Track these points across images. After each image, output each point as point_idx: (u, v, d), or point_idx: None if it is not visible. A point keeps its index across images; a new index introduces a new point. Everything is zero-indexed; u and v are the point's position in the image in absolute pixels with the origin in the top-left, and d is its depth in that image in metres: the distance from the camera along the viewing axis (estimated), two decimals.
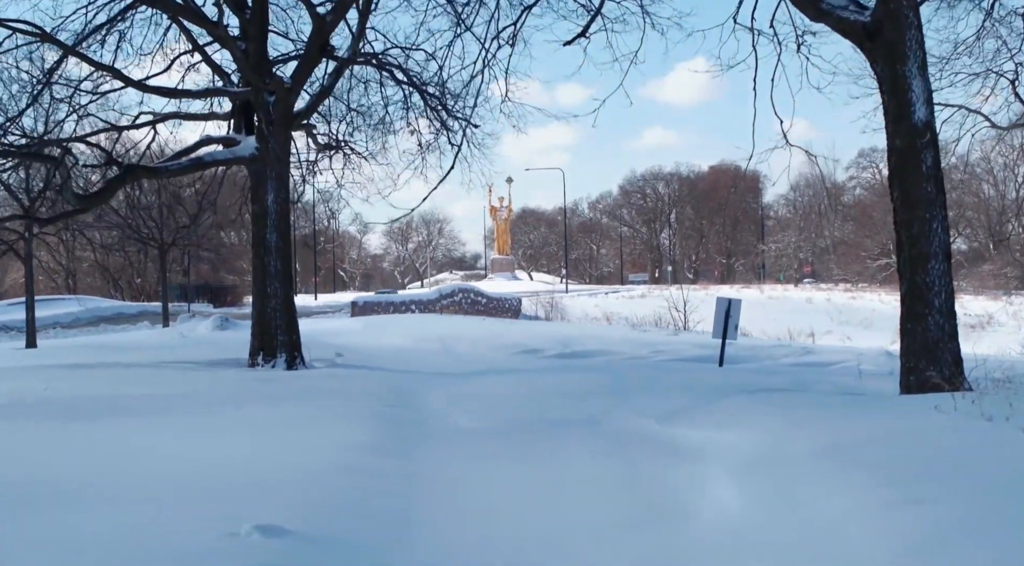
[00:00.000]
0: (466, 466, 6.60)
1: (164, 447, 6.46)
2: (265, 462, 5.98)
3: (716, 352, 14.61)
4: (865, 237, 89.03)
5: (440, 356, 15.17)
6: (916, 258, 8.60)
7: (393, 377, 11.51)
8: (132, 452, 6.25)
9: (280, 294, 13.13)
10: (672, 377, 10.00)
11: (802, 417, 6.91)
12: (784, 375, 10.10)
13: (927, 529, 4.36)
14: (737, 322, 11.94)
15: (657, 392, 9.01)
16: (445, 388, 10.35)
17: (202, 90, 13.58)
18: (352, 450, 6.42)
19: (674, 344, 15.39)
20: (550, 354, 15.32)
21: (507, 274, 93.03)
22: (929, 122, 8.62)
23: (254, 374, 11.79)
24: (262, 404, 8.73)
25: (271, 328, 13.07)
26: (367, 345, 16.64)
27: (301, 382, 10.64)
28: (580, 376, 10.41)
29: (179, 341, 16.16)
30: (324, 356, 14.22)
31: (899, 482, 5.05)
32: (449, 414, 8.64)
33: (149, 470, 5.68)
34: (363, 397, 9.23)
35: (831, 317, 59.55)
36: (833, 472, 5.36)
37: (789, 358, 13.94)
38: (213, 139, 13.48)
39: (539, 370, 11.77)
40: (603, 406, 8.43)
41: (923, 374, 8.42)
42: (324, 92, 13.92)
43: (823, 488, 5.15)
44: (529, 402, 8.85)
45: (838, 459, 5.62)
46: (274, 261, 13.11)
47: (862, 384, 9.52)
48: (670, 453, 6.95)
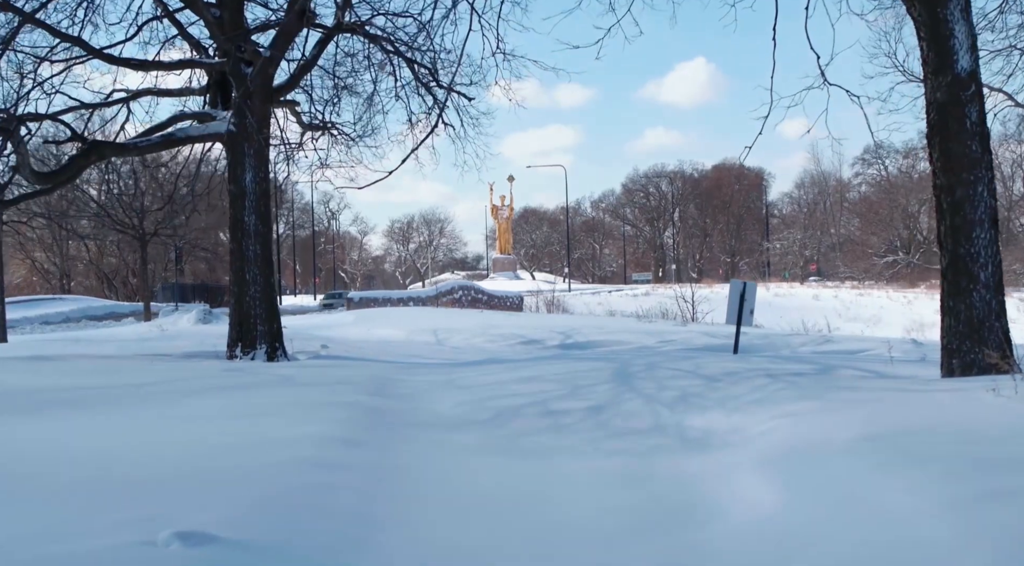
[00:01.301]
0: (449, 459, 5.67)
1: (100, 441, 5.54)
2: (217, 456, 5.05)
3: (728, 341, 13.64)
4: (871, 234, 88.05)
5: (432, 347, 14.23)
6: (959, 226, 7.64)
7: (378, 367, 10.57)
8: (57, 447, 5.33)
9: (260, 281, 12.22)
10: (684, 364, 9.05)
11: (839, 401, 5.97)
12: (808, 362, 9.14)
13: (1021, 529, 3.43)
14: (752, 306, 10.99)
15: (668, 377, 8.07)
16: (432, 377, 9.41)
17: (175, 62, 12.64)
18: (320, 442, 5.49)
19: (683, 334, 14.43)
20: (551, 345, 14.36)
21: (509, 274, 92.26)
22: (974, 72, 7.67)
23: (228, 365, 10.87)
24: (229, 394, 7.82)
25: (250, 318, 12.15)
26: (357, 337, 15.71)
27: (277, 372, 9.71)
28: (583, 364, 9.47)
29: (158, 335, 15.24)
30: (309, 348, 13.30)
31: (969, 474, 4.11)
32: (434, 403, 7.70)
33: (70, 467, 4.75)
34: (342, 387, 8.30)
35: (839, 314, 58.55)
36: (887, 464, 4.42)
37: (808, 347, 12.97)
38: (187, 115, 12.56)
39: (537, 359, 10.83)
40: (608, 394, 7.50)
41: (968, 356, 7.47)
42: (307, 64, 13.01)
43: (878, 482, 4.21)
44: (524, 390, 7.92)
45: (889, 449, 4.68)
46: (253, 245, 12.19)
47: (894, 370, 8.57)
48: (687, 443, 6.01)
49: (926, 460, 4.35)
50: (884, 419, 5.36)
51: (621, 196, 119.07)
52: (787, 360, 9.35)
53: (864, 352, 12.41)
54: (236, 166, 12.22)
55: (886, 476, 4.26)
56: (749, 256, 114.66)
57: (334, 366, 10.64)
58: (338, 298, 61.58)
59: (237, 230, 12.22)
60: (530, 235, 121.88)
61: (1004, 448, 4.56)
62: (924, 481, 4.09)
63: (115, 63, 12.19)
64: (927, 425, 5.14)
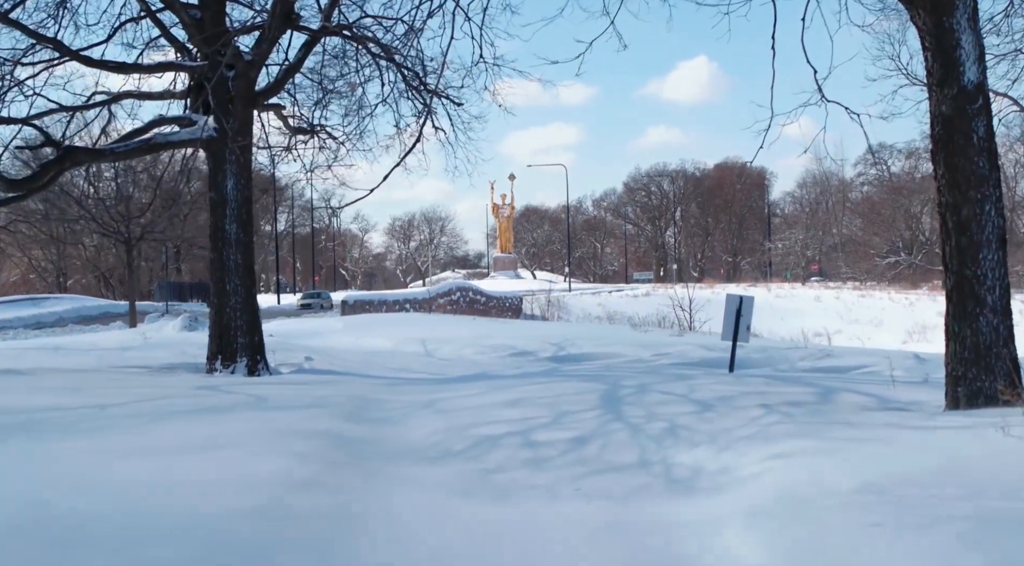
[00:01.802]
0: (418, 501, 5.28)
1: (26, 482, 4.98)
2: (153, 502, 4.64)
3: (725, 355, 13.25)
4: (873, 235, 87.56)
5: (421, 359, 13.83)
6: (965, 247, 7.23)
7: (359, 384, 10.18)
8: None
9: (241, 291, 11.83)
10: (677, 386, 8.65)
11: (839, 440, 5.56)
12: (806, 384, 8.73)
13: None
14: (749, 322, 10.59)
15: (658, 403, 7.68)
16: (414, 396, 9.02)
17: (154, 65, 12.24)
18: (276, 484, 5.10)
19: (678, 346, 14.02)
20: (543, 357, 13.97)
21: (510, 272, 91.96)
22: (981, 84, 7.25)
23: (204, 381, 10.48)
24: (195, 420, 7.41)
25: (230, 329, 11.77)
26: (344, 346, 15.32)
27: (253, 390, 9.31)
28: (571, 385, 9.07)
29: (139, 343, 14.86)
30: (293, 360, 12.92)
31: (988, 537, 3.71)
32: (410, 429, 7.31)
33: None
34: (316, 411, 7.91)
35: (840, 316, 58.25)
36: (889, 525, 4.02)
37: (807, 361, 12.57)
38: (167, 119, 12.16)
39: (526, 376, 10.42)
40: (594, 423, 7.10)
41: (974, 384, 7.07)
42: (292, 68, 12.61)
43: (879, 549, 3.81)
44: (507, 416, 7.52)
45: (892, 504, 4.28)
46: (234, 255, 11.81)
47: (896, 394, 8.17)
48: (673, 484, 5.61)
49: (933, 521, 3.94)
50: (886, 465, 4.96)
51: (623, 195, 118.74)
52: (784, 381, 8.95)
53: (864, 368, 12.00)
54: (217, 172, 11.85)
55: (888, 540, 3.86)
56: (751, 256, 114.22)
57: (314, 383, 10.25)
58: (317, 298, 59.41)
59: (217, 239, 11.83)
60: (531, 234, 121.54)
61: (1021, 503, 4.17)
62: (938, 547, 3.69)
63: (92, 65, 11.79)
64: (933, 473, 4.74)
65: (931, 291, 67.90)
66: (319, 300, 59.16)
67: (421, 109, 14.27)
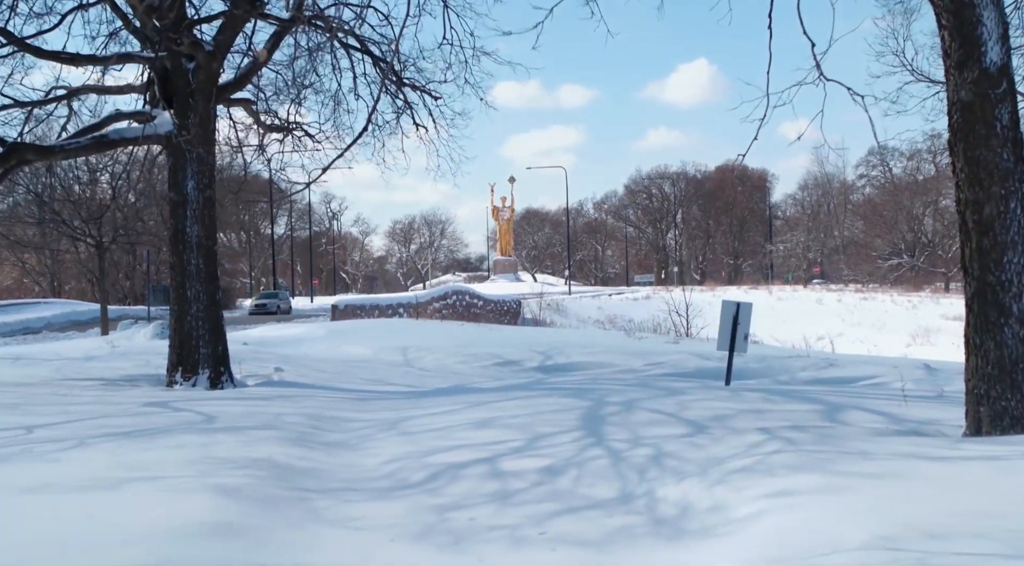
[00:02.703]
0: (354, 551, 4.49)
1: None
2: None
3: (721, 365, 12.44)
4: (875, 236, 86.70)
5: (399, 369, 13.04)
6: (987, 250, 6.42)
7: (324, 399, 9.39)
8: None
9: (203, 298, 11.05)
10: (667, 402, 7.85)
11: (848, 475, 4.76)
12: (809, 400, 7.93)
13: None
14: (748, 331, 9.78)
15: (645, 424, 6.89)
16: (380, 414, 8.24)
17: (109, 56, 11.43)
18: (183, 535, 4.29)
19: (672, 354, 13.22)
20: (528, 367, 13.19)
21: (510, 275, 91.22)
22: (1005, 66, 6.46)
23: (157, 396, 9.68)
24: (123, 445, 6.63)
25: (192, 339, 10.99)
26: (322, 355, 14.52)
27: (204, 407, 8.52)
28: (551, 401, 8.27)
29: (105, 352, 14.08)
30: (262, 371, 12.13)
31: None
32: (366, 455, 6.53)
33: None
34: (263, 433, 7.12)
35: (843, 319, 57.38)
36: None
37: (808, 372, 11.76)
38: (124, 114, 11.38)
39: (505, 390, 9.62)
40: (572, 448, 6.30)
41: (998, 403, 6.26)
42: (259, 61, 11.83)
43: None
44: (476, 439, 6.73)
45: (915, 562, 3.50)
46: (195, 259, 11.03)
47: (909, 411, 7.36)
48: (657, 525, 4.82)
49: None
50: (904, 509, 4.17)
51: (624, 197, 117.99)
52: (785, 397, 8.14)
53: (871, 379, 11.18)
54: (177, 171, 11.08)
55: None
56: (752, 258, 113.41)
57: (275, 398, 9.46)
58: (273, 299, 50.90)
59: (178, 241, 11.06)
60: (532, 236, 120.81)
61: None
62: None
63: (43, 56, 11.03)
64: (961, 521, 3.95)
65: (934, 294, 67.09)
66: (275, 301, 50.34)
67: (400, 105, 13.54)
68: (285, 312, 49.24)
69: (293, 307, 52.77)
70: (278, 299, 51.35)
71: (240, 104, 12.76)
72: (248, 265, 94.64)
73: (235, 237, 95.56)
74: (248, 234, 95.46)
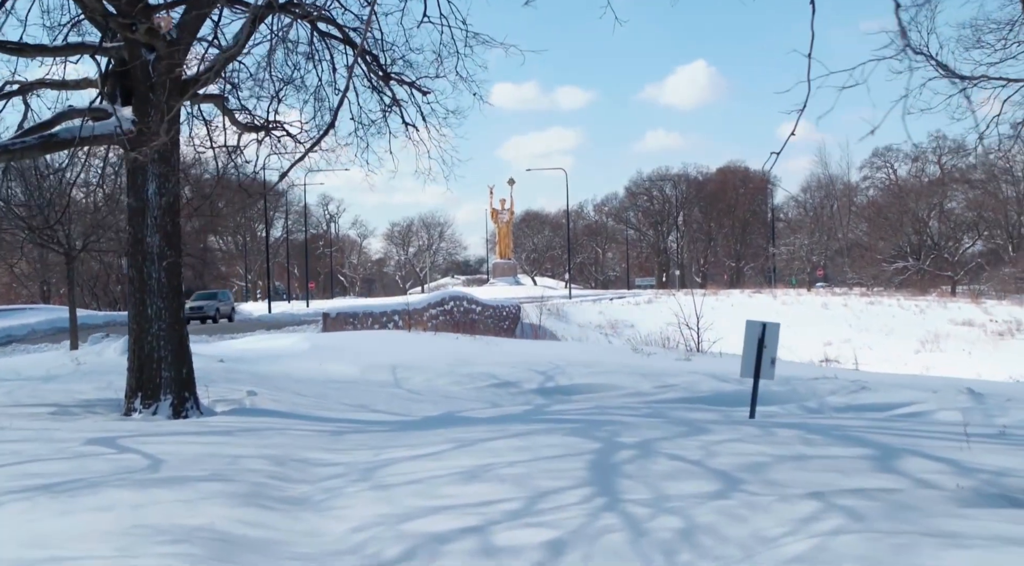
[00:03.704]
0: None
1: None
2: None
3: (740, 387, 11.34)
4: (880, 239, 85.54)
5: (385, 392, 11.91)
6: None
7: (296, 433, 8.27)
8: None
9: (165, 316, 9.92)
10: (689, 444, 6.71)
11: None
12: (854, 441, 6.80)
13: None
14: (774, 354, 8.65)
15: (667, 479, 5.75)
16: (354, 456, 7.11)
17: (60, 47, 10.30)
18: None
19: (685, 375, 12.10)
20: (527, 389, 12.07)
21: (509, 278, 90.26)
22: None
23: (107, 428, 8.54)
24: (33, 505, 5.48)
25: (152, 361, 9.85)
26: (304, 374, 13.39)
27: (154, 447, 7.39)
28: (553, 440, 7.14)
29: (68, 370, 12.95)
30: (234, 394, 11.00)
31: None
32: (330, 520, 5.40)
33: None
34: (215, 484, 6.00)
35: (850, 324, 56.33)
36: None
37: (839, 397, 10.62)
38: (78, 111, 10.26)
39: (500, 422, 8.48)
40: (580, 513, 5.17)
41: None
42: (231, 52, 10.69)
43: None
44: (462, 498, 5.60)
45: None
46: (157, 272, 9.90)
47: (977, 458, 6.23)
48: None
49: None
50: None
51: (624, 199, 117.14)
52: (825, 436, 7.01)
53: (909, 406, 10.04)
54: (136, 174, 9.95)
55: None
56: (754, 261, 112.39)
57: (240, 432, 8.33)
58: (211, 301, 42.51)
59: (137, 253, 9.92)
60: (531, 239, 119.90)
61: None
62: None
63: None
64: None
65: (941, 297, 65.95)
66: (214, 303, 42.19)
67: (388, 102, 12.44)
68: (226, 317, 43.00)
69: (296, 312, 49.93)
70: (217, 301, 43.13)
71: (211, 100, 11.64)
72: (244, 268, 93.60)
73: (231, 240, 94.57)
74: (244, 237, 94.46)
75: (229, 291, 47.43)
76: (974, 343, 48.61)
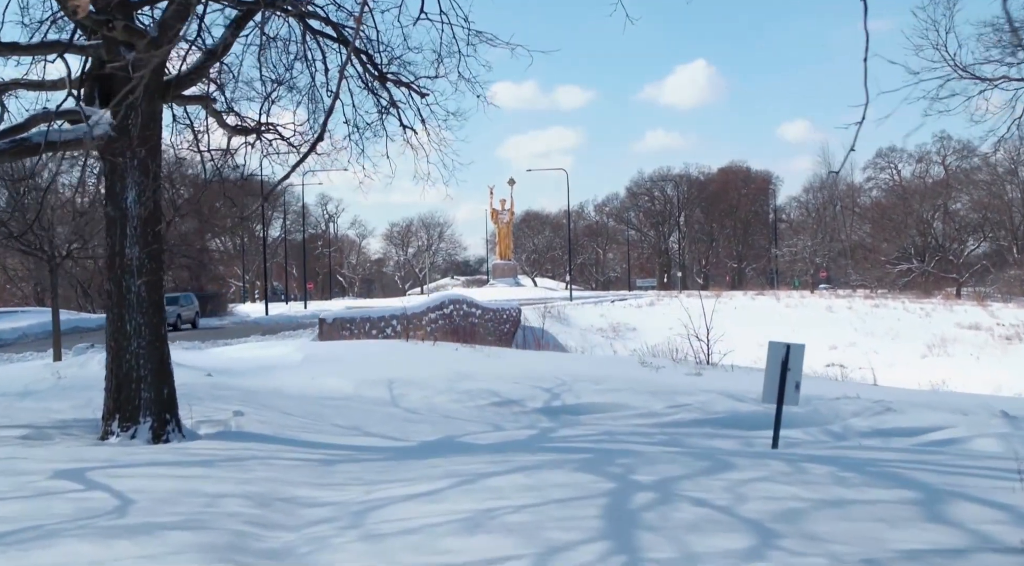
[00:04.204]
0: None
1: None
2: None
3: (757, 408, 10.72)
4: (883, 241, 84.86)
5: (381, 410, 11.27)
6: None
7: (283, 464, 7.63)
8: None
9: (145, 333, 9.29)
10: (714, 485, 6.07)
11: None
12: (894, 480, 6.17)
13: None
14: (799, 378, 8.01)
15: (693, 530, 5.11)
16: (344, 495, 6.47)
17: (33, 45, 9.66)
18: None
19: (698, 393, 11.47)
20: (531, 408, 11.43)
21: (509, 280, 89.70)
22: None
23: (81, 456, 7.90)
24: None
25: (131, 381, 9.23)
26: (295, 390, 12.75)
27: (124, 482, 6.75)
28: (562, 477, 6.51)
29: (47, 385, 12.32)
30: (219, 415, 10.37)
31: None
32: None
33: None
34: (191, 534, 5.36)
35: (855, 327, 55.71)
36: None
37: (863, 420, 9.97)
38: (53, 113, 9.62)
39: (504, 452, 7.84)
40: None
41: None
42: (217, 51, 10.09)
43: None
44: (467, 551, 4.97)
45: None
46: (136, 285, 9.27)
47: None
48: None
49: None
50: None
51: (625, 200, 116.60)
52: (861, 474, 6.37)
53: (940, 430, 9.40)
54: (115, 181, 9.33)
55: None
56: (756, 262, 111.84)
57: (222, 462, 7.69)
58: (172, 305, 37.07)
59: (115, 265, 9.30)
60: (532, 240, 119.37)
61: None
62: None
63: None
64: None
65: (946, 300, 65.29)
66: (175, 309, 37.68)
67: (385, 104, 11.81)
68: (189, 323, 40.36)
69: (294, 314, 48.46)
70: (179, 306, 39.34)
71: (197, 102, 11.01)
72: (242, 268, 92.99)
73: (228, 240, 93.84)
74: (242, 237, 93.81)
75: (192, 295, 43.64)
76: (982, 348, 48.00)
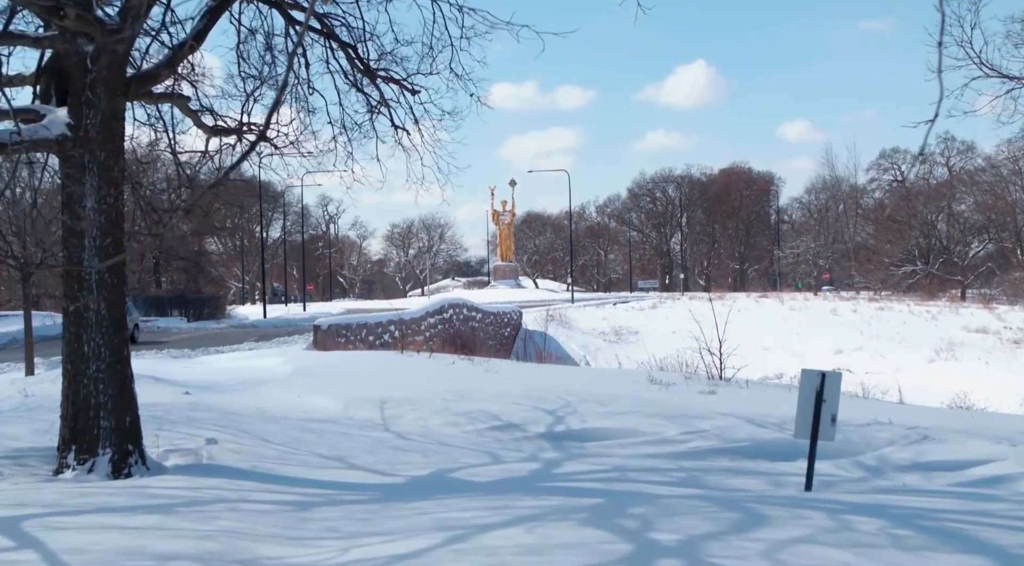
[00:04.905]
0: None
1: None
2: None
3: (778, 434, 9.84)
4: (887, 242, 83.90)
5: (369, 437, 10.36)
6: None
7: (250, 508, 6.72)
8: None
9: (105, 354, 8.38)
10: (749, 548, 5.18)
11: None
12: (958, 539, 5.30)
13: None
14: (835, 411, 7.10)
15: None
16: (317, 553, 5.57)
17: None
18: None
19: (715, 416, 10.57)
20: (533, 433, 10.54)
21: (511, 281, 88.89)
22: None
23: (25, 498, 6.99)
24: None
25: (89, 408, 8.32)
26: (280, 408, 11.86)
27: (68, 536, 5.85)
28: (569, 532, 5.61)
29: (12, 403, 11.41)
30: (190, 442, 9.47)
31: None
32: None
33: None
34: None
35: (860, 331, 54.72)
36: None
37: (900, 451, 9.06)
38: (3, 112, 8.74)
39: (503, 495, 6.94)
40: None
41: None
42: (188, 44, 9.19)
43: None
44: None
45: None
46: (95, 302, 8.37)
47: None
48: None
49: None
50: None
51: (627, 201, 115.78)
52: (918, 531, 5.49)
53: (986, 464, 8.50)
54: (73, 186, 8.43)
55: None
56: (758, 263, 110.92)
57: (183, 506, 6.78)
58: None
59: (72, 280, 8.41)
60: (533, 241, 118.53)
61: None
62: None
63: None
64: None
65: (952, 302, 64.30)
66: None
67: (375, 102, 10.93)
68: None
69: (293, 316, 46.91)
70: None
71: (168, 100, 10.12)
72: (241, 270, 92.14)
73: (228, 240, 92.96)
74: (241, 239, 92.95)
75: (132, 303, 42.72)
76: (990, 352, 47.05)
